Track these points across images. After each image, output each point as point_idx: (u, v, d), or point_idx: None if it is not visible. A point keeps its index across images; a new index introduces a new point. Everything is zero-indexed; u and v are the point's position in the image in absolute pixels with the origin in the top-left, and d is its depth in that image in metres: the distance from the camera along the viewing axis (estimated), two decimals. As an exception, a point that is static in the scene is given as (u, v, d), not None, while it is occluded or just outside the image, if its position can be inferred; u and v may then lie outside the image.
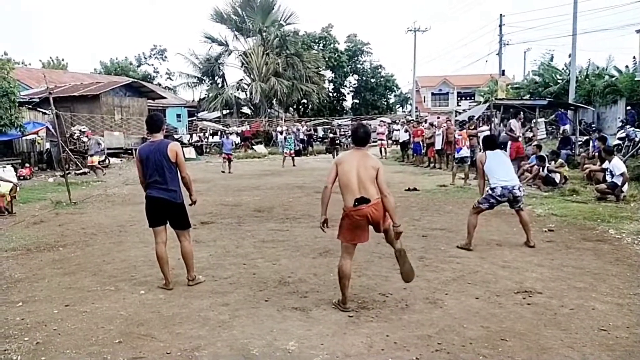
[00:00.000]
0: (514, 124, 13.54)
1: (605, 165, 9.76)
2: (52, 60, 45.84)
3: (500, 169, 6.23)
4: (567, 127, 18.89)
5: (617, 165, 9.39)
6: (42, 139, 19.51)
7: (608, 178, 9.49)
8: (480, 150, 8.74)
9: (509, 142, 12.81)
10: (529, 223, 6.44)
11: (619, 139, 15.05)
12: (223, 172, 17.49)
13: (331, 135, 25.08)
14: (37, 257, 6.37)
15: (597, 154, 12.13)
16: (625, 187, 9.33)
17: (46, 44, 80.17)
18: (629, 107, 19.87)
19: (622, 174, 9.24)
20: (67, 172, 13.32)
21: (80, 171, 17.49)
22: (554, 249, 6.17)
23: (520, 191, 6.25)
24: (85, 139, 19.92)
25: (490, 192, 6.23)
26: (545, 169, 11.29)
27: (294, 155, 20.21)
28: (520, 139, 13.43)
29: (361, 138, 4.42)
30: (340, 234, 4.36)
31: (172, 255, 5.31)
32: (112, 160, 21.41)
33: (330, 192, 4.34)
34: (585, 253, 5.96)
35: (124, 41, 79.75)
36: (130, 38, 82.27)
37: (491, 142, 6.61)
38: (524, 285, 4.83)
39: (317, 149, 27.85)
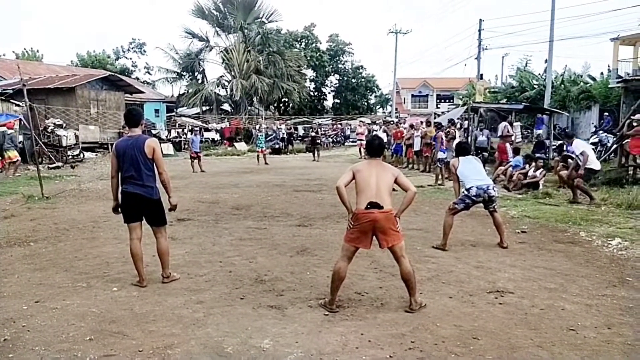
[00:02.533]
0: (506, 126, 14.18)
1: (571, 148, 9.84)
2: (27, 51, 44.72)
3: (472, 172, 6.45)
4: (541, 131, 19.32)
5: (577, 145, 9.61)
6: (15, 131, 19.02)
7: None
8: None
9: (507, 145, 12.98)
10: (502, 225, 6.57)
11: (592, 144, 15.44)
12: (194, 172, 16.37)
13: (312, 134, 24.95)
14: (7, 252, 6.21)
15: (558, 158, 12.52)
16: (596, 165, 9.53)
17: (21, 34, 78.21)
18: (605, 113, 20.41)
19: (582, 153, 9.42)
20: (42, 165, 13.01)
21: (54, 165, 17.11)
22: (526, 250, 6.29)
23: (494, 191, 6.42)
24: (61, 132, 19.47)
25: (466, 192, 6.39)
26: (540, 172, 11.37)
27: (266, 153, 20.04)
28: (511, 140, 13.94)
29: (376, 148, 4.51)
30: (345, 235, 4.35)
31: (147, 252, 5.24)
32: (87, 154, 21.00)
33: (344, 190, 4.26)
34: (556, 254, 6.09)
35: (102, 34, 78.35)
36: (108, 31, 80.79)
37: (463, 149, 6.87)
38: (496, 285, 4.92)
39: (297, 147, 27.82)
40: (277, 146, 26.52)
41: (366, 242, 4.24)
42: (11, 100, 19.63)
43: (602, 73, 25.56)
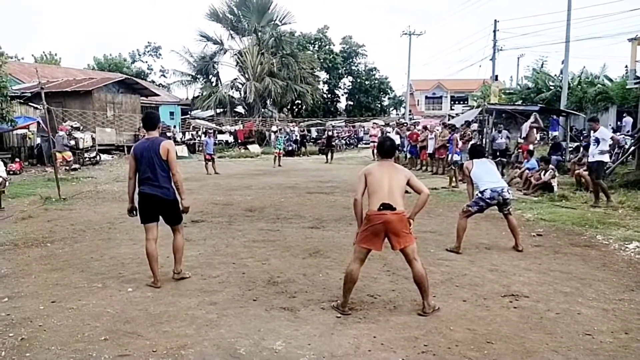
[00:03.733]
0: (526, 127, 14.07)
1: (595, 134, 9.55)
2: (46, 55, 45.53)
3: (486, 174, 6.38)
4: (557, 133, 19.08)
5: (602, 131, 9.42)
6: (32, 133, 19.36)
7: (595, 153, 9.35)
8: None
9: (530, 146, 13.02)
10: (517, 227, 6.51)
11: (610, 145, 15.18)
12: (208, 174, 16.49)
13: (329, 133, 24.01)
14: (24, 252, 6.32)
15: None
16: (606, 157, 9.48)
17: (40, 38, 79.63)
18: (624, 115, 20.10)
19: (612, 138, 9.42)
20: (59, 167, 13.21)
21: (71, 167, 17.35)
22: (542, 254, 6.22)
23: (509, 194, 6.36)
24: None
25: (479, 195, 6.34)
26: (549, 174, 11.23)
27: (282, 155, 20.05)
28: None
29: (387, 150, 4.49)
30: (356, 237, 4.33)
31: (162, 253, 5.29)
32: (104, 156, 21.29)
33: (361, 204, 4.30)
34: (572, 258, 6.01)
35: (118, 37, 79.47)
36: (124, 34, 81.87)
37: (477, 152, 6.80)
38: (511, 288, 4.87)
39: (310, 149, 27.82)
40: (290, 148, 26.56)
41: (378, 244, 4.22)
42: (29, 103, 20.00)
43: (624, 75, 25.17)
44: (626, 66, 23.90)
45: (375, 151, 22.05)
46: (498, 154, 14.69)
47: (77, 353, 3.52)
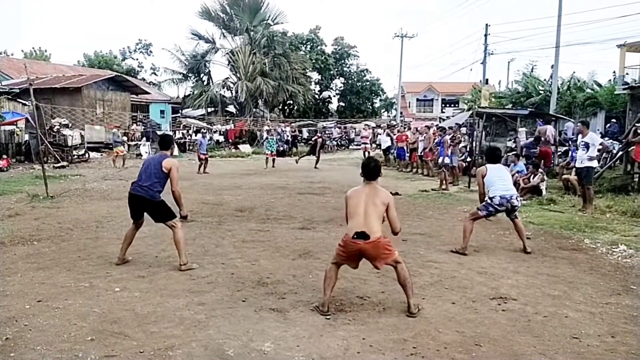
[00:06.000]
0: (551, 130, 14.00)
1: (584, 139, 9.43)
2: (35, 50, 45.11)
3: (499, 181, 6.44)
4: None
5: (592, 136, 9.44)
6: (20, 130, 19.14)
7: (584, 158, 9.31)
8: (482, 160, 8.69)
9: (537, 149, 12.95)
10: (523, 230, 6.64)
11: (598, 150, 15.32)
12: (199, 173, 16.33)
13: (318, 140, 21.42)
14: (10, 250, 6.23)
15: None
16: (595, 162, 9.55)
17: (30, 34, 78.81)
18: (613, 120, 20.32)
19: (601, 144, 9.47)
20: (47, 164, 13.06)
21: (59, 164, 17.18)
22: (530, 257, 6.25)
23: (517, 201, 6.48)
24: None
25: (489, 201, 6.44)
26: (537, 177, 11.29)
27: (275, 156, 19.95)
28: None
29: (371, 171, 4.45)
30: (337, 248, 4.39)
31: (154, 250, 5.24)
32: (92, 154, 21.09)
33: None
34: (560, 261, 6.06)
35: (109, 34, 78.90)
36: (115, 31, 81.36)
37: (495, 157, 6.78)
38: (499, 291, 4.89)
39: (301, 150, 27.78)
40: (281, 149, 26.50)
41: (354, 264, 4.39)
42: (18, 99, 19.77)
43: (610, 80, 25.47)
44: (614, 72, 24.24)
45: (366, 152, 22.09)
46: (527, 159, 12.94)
47: (62, 353, 3.47)
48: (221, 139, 29.87)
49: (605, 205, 9.46)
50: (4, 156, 17.22)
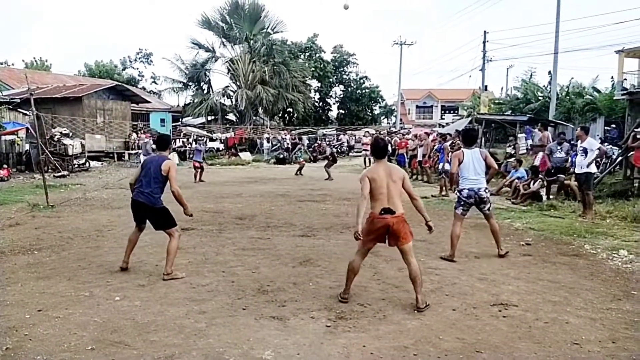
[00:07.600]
0: (547, 135, 14.07)
1: (582, 145, 9.39)
2: (36, 60, 45.29)
3: (470, 172, 6.32)
4: (530, 142, 19.16)
5: (590, 142, 9.43)
6: (21, 140, 19.19)
7: (583, 164, 9.30)
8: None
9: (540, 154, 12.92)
10: (498, 232, 6.54)
11: (597, 155, 15.34)
12: (195, 182, 16.08)
13: (329, 150, 21.33)
14: (11, 260, 6.23)
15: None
16: (594, 168, 9.56)
17: (30, 44, 79.13)
18: (613, 125, 20.35)
19: (598, 148, 9.49)
20: (48, 174, 13.08)
21: (60, 174, 17.20)
22: (531, 263, 6.25)
23: (485, 192, 6.37)
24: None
25: (458, 194, 6.47)
26: (537, 183, 11.29)
27: (304, 164, 19.90)
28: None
29: (381, 149, 4.81)
30: (355, 234, 4.58)
31: (155, 259, 5.24)
32: (93, 163, 21.13)
33: (365, 204, 4.56)
34: (561, 267, 6.05)
35: (109, 44, 79.17)
36: (116, 41, 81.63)
37: (470, 137, 6.65)
38: (500, 297, 4.89)
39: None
40: (281, 156, 26.57)
41: (381, 239, 4.65)
42: (18, 109, 19.82)
43: (607, 87, 25.55)
44: (612, 77, 24.31)
45: (367, 160, 22.12)
46: (553, 170, 11.75)
47: (63, 363, 3.47)
48: (221, 147, 29.94)
49: (605, 210, 9.46)
50: (5, 166, 17.26)
